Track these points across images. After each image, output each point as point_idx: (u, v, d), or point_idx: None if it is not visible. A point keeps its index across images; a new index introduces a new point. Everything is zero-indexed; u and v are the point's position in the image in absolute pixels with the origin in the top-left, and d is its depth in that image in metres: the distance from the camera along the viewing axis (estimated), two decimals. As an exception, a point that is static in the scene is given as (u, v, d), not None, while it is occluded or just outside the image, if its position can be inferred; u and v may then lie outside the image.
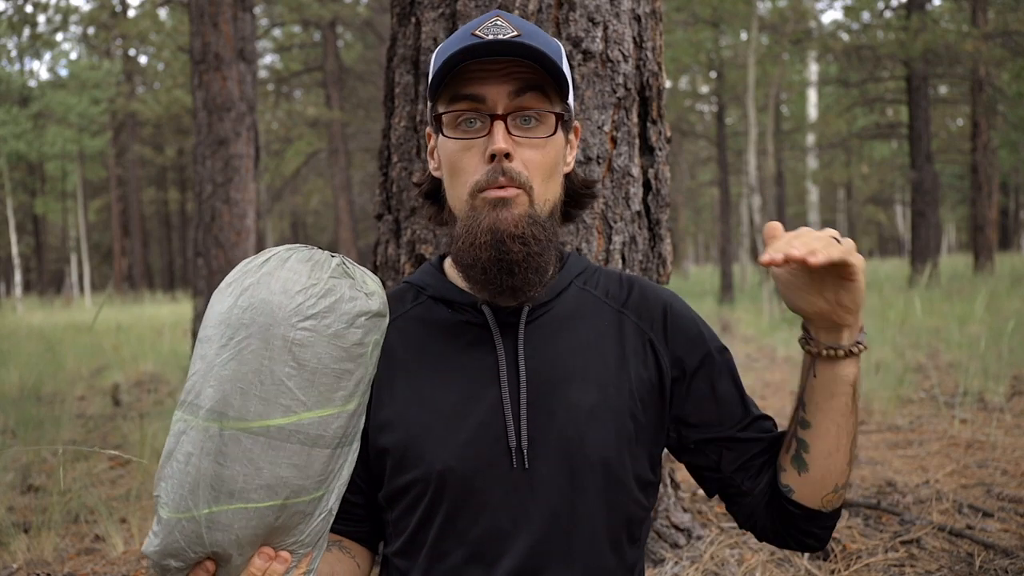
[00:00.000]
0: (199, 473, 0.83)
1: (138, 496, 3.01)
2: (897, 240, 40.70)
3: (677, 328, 1.08)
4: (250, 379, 0.82)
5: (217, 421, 0.83)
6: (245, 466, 0.82)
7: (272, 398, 0.83)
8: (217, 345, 0.84)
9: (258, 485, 0.83)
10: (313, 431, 0.85)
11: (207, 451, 0.83)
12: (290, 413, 0.83)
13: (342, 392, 0.87)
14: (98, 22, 24.93)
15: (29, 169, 29.24)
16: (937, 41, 13.10)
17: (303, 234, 44.52)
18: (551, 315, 1.05)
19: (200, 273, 6.49)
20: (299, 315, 0.84)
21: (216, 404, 0.83)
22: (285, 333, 0.83)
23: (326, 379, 0.85)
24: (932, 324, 7.43)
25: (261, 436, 0.83)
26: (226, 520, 0.83)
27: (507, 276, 0.97)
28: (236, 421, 0.82)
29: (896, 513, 2.45)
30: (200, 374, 0.85)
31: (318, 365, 0.84)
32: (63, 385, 5.68)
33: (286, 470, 0.84)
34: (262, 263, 0.88)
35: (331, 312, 0.85)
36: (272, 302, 0.84)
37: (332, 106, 18.93)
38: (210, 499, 0.83)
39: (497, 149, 0.95)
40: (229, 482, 0.82)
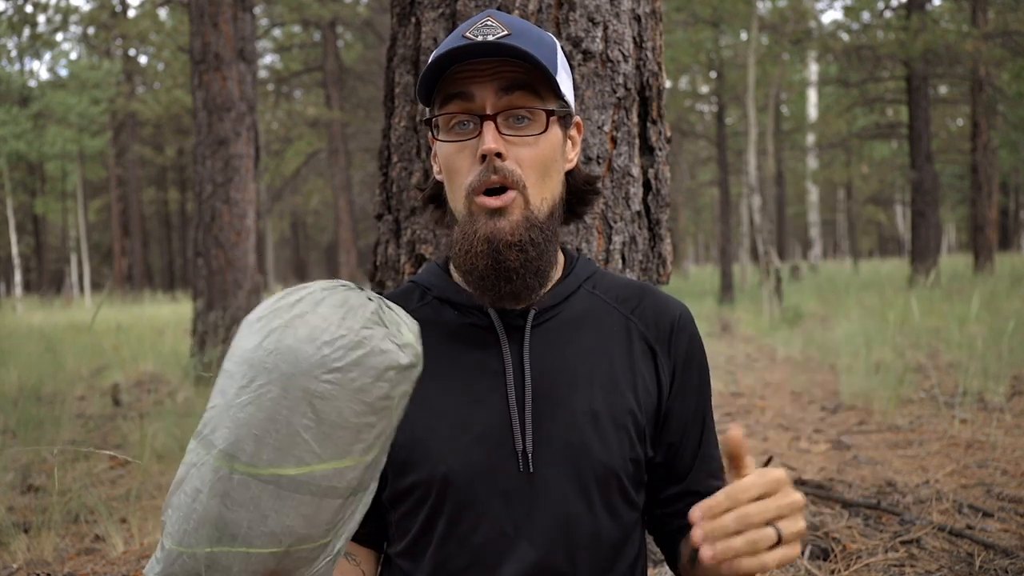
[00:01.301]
0: (204, 511, 0.80)
1: (138, 496, 3.01)
2: (897, 240, 40.71)
3: (681, 344, 1.08)
4: (266, 426, 0.79)
5: (228, 463, 0.80)
6: (251, 512, 0.80)
7: (286, 448, 0.80)
8: (237, 385, 0.81)
9: (262, 532, 0.80)
10: (325, 483, 0.82)
11: (215, 491, 0.80)
12: (302, 464, 0.80)
13: (361, 445, 0.83)
14: (98, 22, 24.94)
15: (29, 169, 29.25)
16: (937, 41, 13.11)
17: (303, 234, 44.53)
18: (559, 319, 1.05)
19: (200, 273, 6.49)
20: (323, 367, 0.79)
21: (229, 446, 0.80)
22: (307, 384, 0.79)
23: (345, 433, 0.82)
24: (932, 324, 7.44)
25: (270, 484, 0.80)
26: (226, 562, 0.81)
27: (505, 283, 0.97)
28: (247, 466, 0.80)
29: (896, 513, 2.45)
30: (218, 410, 0.82)
31: (338, 419, 0.81)
32: (63, 385, 5.68)
33: (293, 519, 0.81)
34: (294, 303, 0.84)
35: (358, 366, 0.81)
36: (297, 350, 0.79)
37: (332, 106, 18.94)
38: (212, 539, 0.80)
39: (487, 149, 0.95)
40: (232, 526, 0.80)
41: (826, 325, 8.59)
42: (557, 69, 1.00)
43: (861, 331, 6.37)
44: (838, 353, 6.07)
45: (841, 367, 5.45)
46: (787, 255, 29.63)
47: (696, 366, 1.10)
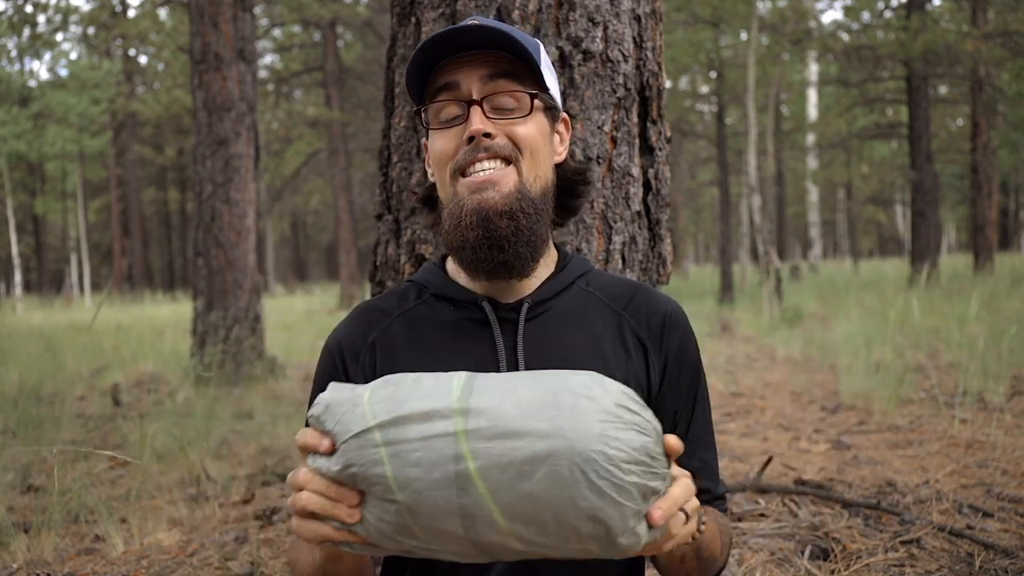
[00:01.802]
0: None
1: (138, 496, 3.01)
2: (897, 240, 40.70)
3: (672, 341, 1.08)
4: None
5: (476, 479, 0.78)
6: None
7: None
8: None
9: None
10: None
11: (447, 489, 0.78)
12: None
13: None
14: (98, 22, 24.95)
15: (29, 169, 29.24)
16: (937, 41, 13.11)
17: (303, 234, 44.53)
18: (551, 313, 1.06)
19: (200, 273, 6.49)
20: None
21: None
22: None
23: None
24: (932, 324, 7.44)
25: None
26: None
27: (497, 252, 0.98)
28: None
29: (896, 513, 2.45)
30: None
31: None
32: (63, 385, 5.68)
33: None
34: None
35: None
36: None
37: (332, 106, 18.93)
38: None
39: (474, 131, 0.97)
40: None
41: (826, 325, 8.59)
42: (540, 61, 1.03)
43: (861, 331, 6.37)
44: (838, 353, 6.07)
45: (841, 367, 5.45)
46: (787, 255, 29.63)
47: (688, 364, 1.10)
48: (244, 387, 5.90)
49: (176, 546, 2.53)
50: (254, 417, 4.65)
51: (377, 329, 1.08)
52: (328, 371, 1.08)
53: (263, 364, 6.43)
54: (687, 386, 1.10)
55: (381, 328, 1.08)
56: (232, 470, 3.45)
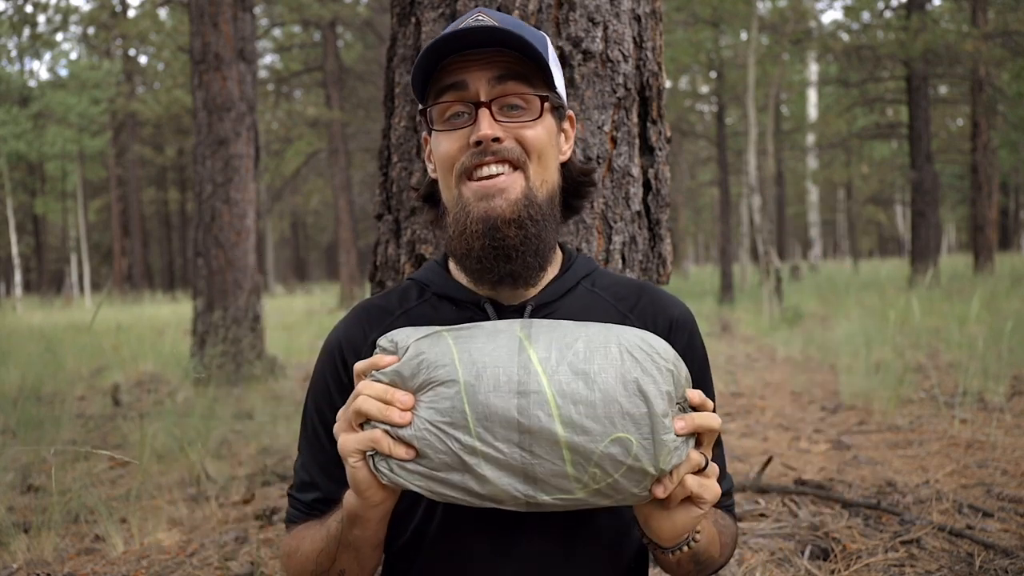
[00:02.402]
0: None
1: (138, 496, 3.01)
2: (897, 240, 40.70)
3: (679, 343, 1.07)
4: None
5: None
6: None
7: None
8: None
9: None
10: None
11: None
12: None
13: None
14: (98, 22, 24.95)
15: (29, 169, 29.24)
16: (937, 41, 13.11)
17: (303, 234, 44.52)
18: (555, 315, 1.05)
19: (200, 273, 6.49)
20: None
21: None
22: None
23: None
24: (932, 324, 7.43)
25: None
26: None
27: (504, 262, 0.96)
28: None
29: (896, 513, 2.45)
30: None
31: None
32: (63, 385, 5.68)
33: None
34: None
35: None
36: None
37: (332, 106, 18.93)
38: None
39: (482, 135, 0.95)
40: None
41: (826, 325, 8.58)
42: (549, 59, 1.01)
43: (861, 331, 6.37)
44: (838, 353, 6.06)
45: (841, 367, 5.45)
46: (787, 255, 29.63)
47: (695, 365, 1.09)
48: (244, 387, 5.90)
49: (176, 546, 2.53)
50: (254, 417, 4.65)
51: (378, 328, 1.06)
52: (328, 370, 1.07)
53: (263, 364, 6.43)
54: (695, 385, 1.09)
55: (382, 327, 1.06)
56: (232, 470, 3.45)
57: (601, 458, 0.82)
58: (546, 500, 0.84)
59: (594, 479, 0.83)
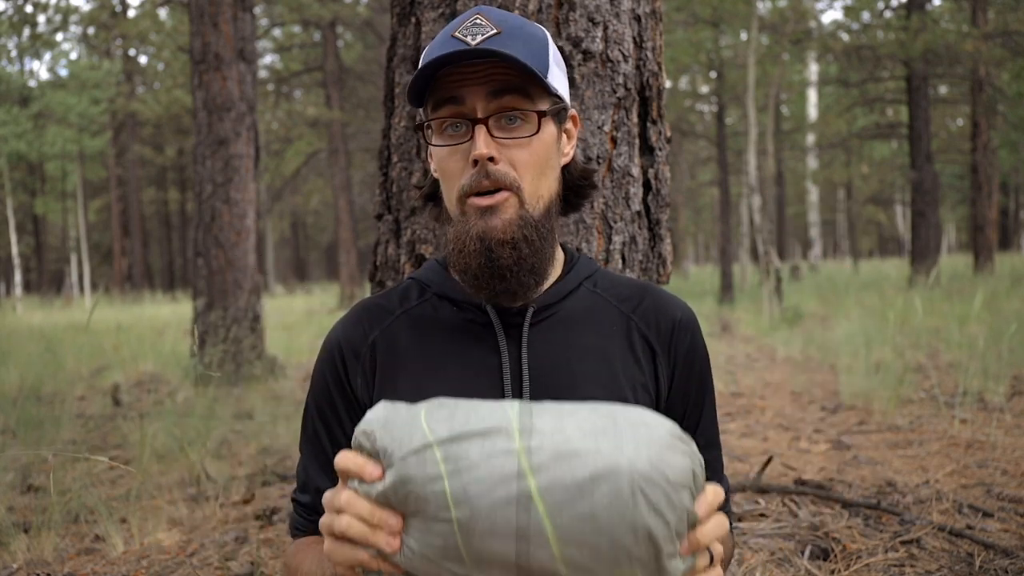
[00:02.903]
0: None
1: (138, 496, 3.01)
2: (897, 240, 40.70)
3: (682, 345, 1.07)
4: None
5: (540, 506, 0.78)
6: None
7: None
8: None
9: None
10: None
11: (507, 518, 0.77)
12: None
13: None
14: (98, 22, 24.95)
15: (29, 169, 29.24)
16: (937, 41, 13.11)
17: (303, 234, 44.53)
18: (558, 317, 1.04)
19: (200, 273, 6.49)
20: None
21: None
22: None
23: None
24: (932, 324, 7.43)
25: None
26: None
27: (499, 281, 0.97)
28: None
29: (896, 513, 2.45)
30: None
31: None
32: (63, 385, 5.68)
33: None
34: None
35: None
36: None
37: (332, 106, 18.93)
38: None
39: (478, 155, 0.95)
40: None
41: (826, 325, 8.59)
42: (548, 64, 1.00)
43: (861, 331, 6.37)
44: (838, 353, 6.06)
45: (841, 367, 5.45)
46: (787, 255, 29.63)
47: (697, 368, 1.09)
48: (244, 387, 5.91)
49: (176, 546, 2.53)
50: (254, 417, 4.65)
51: (378, 328, 1.06)
52: (327, 370, 1.06)
53: (263, 364, 6.43)
54: (696, 389, 1.09)
55: (382, 327, 1.06)
56: (232, 470, 3.45)
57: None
58: None
59: None
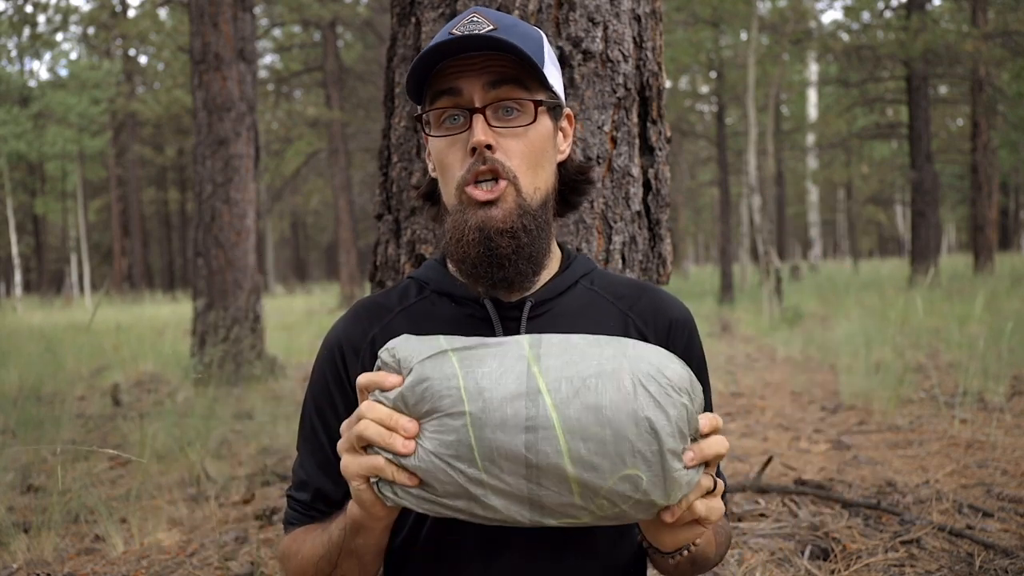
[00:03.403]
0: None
1: (138, 496, 3.01)
2: (897, 240, 40.69)
3: (678, 345, 1.08)
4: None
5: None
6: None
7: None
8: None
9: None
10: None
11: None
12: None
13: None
14: (98, 22, 24.95)
15: (29, 169, 29.23)
16: (937, 41, 13.11)
17: (303, 234, 44.52)
18: (554, 312, 1.05)
19: (200, 273, 6.49)
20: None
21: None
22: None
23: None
24: (932, 324, 7.43)
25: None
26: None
27: (497, 270, 0.98)
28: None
29: (896, 513, 2.45)
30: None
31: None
32: (63, 385, 5.68)
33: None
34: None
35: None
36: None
37: (332, 106, 18.93)
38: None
39: (476, 142, 0.96)
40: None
41: (826, 325, 8.58)
42: (544, 62, 1.01)
43: (861, 331, 6.37)
44: (838, 353, 6.06)
45: (841, 367, 5.45)
46: (787, 255, 29.62)
47: (693, 366, 1.09)
48: (244, 387, 5.90)
49: (176, 546, 2.53)
50: (254, 417, 4.65)
51: (378, 326, 1.07)
52: (327, 368, 1.07)
53: (263, 364, 6.43)
54: None
55: (382, 325, 1.07)
56: (232, 470, 3.45)
57: (610, 492, 0.82)
58: (552, 523, 0.84)
59: (601, 508, 0.83)
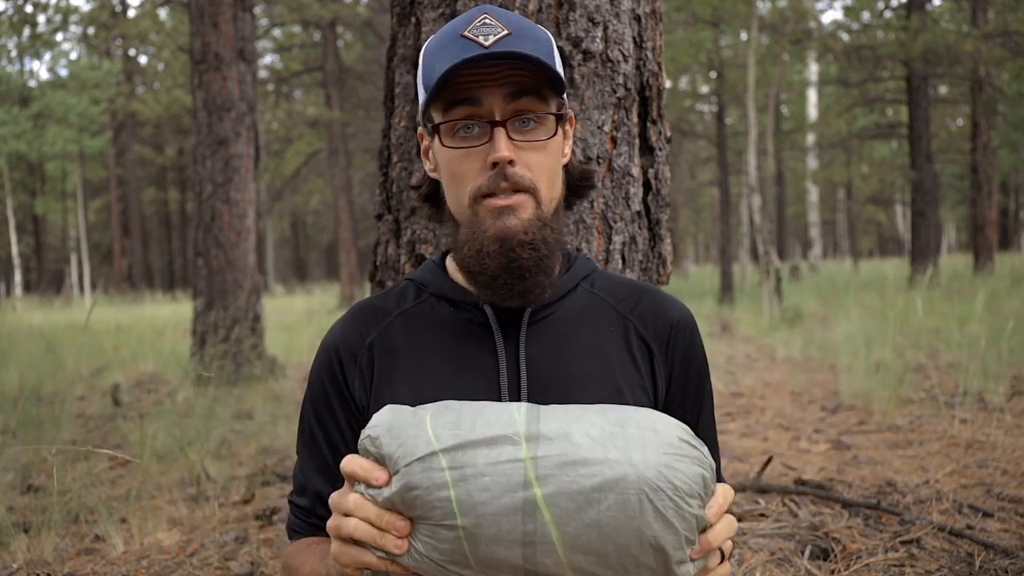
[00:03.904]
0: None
1: (138, 496, 3.01)
2: (897, 240, 40.68)
3: (679, 346, 1.07)
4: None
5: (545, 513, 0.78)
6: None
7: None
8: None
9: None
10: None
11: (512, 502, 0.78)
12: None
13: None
14: (98, 22, 24.94)
15: (29, 169, 29.23)
16: (937, 41, 13.11)
17: (303, 234, 44.52)
18: (555, 317, 1.04)
19: (200, 273, 6.49)
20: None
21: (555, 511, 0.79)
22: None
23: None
24: (932, 324, 7.43)
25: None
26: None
27: (518, 281, 0.96)
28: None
29: (896, 513, 2.45)
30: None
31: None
32: (63, 385, 5.68)
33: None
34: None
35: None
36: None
37: (332, 106, 18.93)
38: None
39: (500, 158, 0.94)
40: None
41: (826, 325, 8.58)
42: (556, 65, 1.00)
43: (861, 331, 6.36)
44: (838, 353, 6.06)
45: (841, 367, 5.45)
46: (787, 255, 29.62)
47: (695, 369, 1.09)
48: (244, 387, 5.90)
49: (176, 546, 2.53)
50: (254, 417, 4.65)
51: (375, 329, 1.05)
52: (324, 373, 1.06)
53: (263, 364, 6.43)
54: (694, 390, 1.09)
55: (379, 328, 1.05)
56: (232, 470, 3.45)
57: None
58: None
59: None
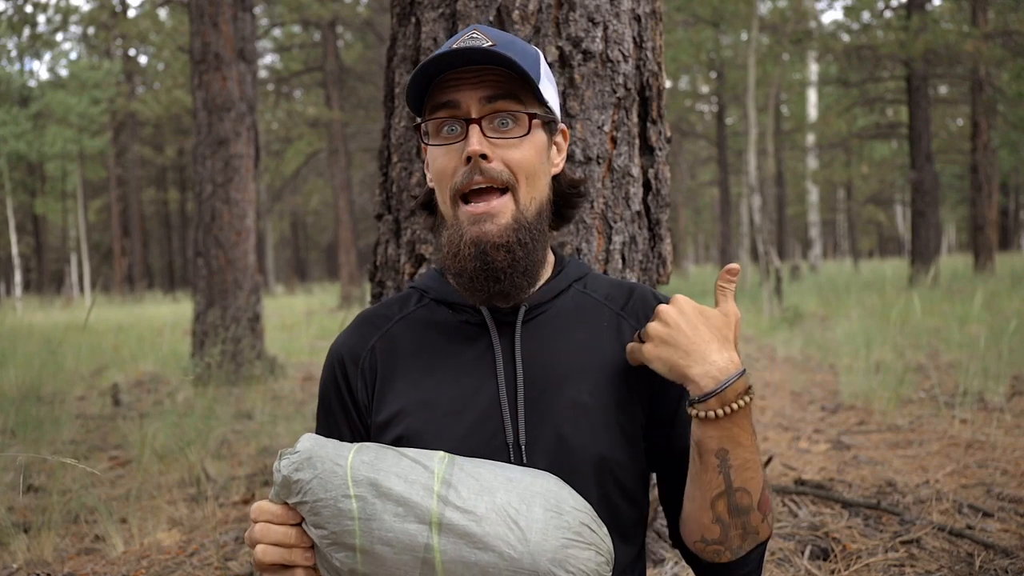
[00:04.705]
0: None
1: (138, 496, 3.01)
2: (897, 240, 40.69)
3: None
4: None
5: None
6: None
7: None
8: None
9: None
10: None
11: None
12: None
13: None
14: (98, 22, 24.95)
15: (29, 169, 29.23)
16: (937, 41, 13.11)
17: (303, 234, 44.51)
18: (548, 315, 1.08)
19: (200, 273, 6.49)
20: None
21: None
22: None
23: None
24: (932, 324, 7.43)
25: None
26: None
27: (493, 283, 1.00)
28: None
29: (896, 513, 2.45)
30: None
31: None
32: (63, 385, 5.68)
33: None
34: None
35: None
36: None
37: (332, 106, 18.93)
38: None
39: (472, 151, 0.98)
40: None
41: (826, 325, 8.58)
42: (540, 78, 1.04)
43: (861, 331, 6.36)
44: (838, 353, 6.06)
45: (841, 367, 5.45)
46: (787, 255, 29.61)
47: None
48: (244, 387, 5.90)
49: (176, 546, 2.53)
50: (254, 417, 4.65)
51: (378, 333, 1.11)
52: (329, 381, 1.12)
53: (263, 364, 6.43)
54: None
55: (382, 332, 1.11)
56: (232, 470, 3.45)
57: None
58: None
59: None
